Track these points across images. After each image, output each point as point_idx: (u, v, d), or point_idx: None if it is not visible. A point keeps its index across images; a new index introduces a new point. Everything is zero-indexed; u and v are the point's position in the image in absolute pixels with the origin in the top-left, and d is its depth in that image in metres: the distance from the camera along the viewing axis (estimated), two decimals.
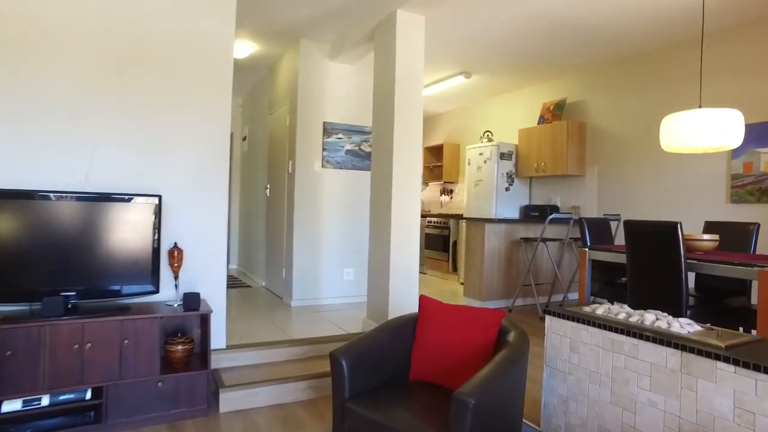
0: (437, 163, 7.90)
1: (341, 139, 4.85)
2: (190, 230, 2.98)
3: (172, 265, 2.74)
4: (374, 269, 3.67)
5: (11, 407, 2.21)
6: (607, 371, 1.84)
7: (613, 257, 3.23)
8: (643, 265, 2.91)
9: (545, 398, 2.13)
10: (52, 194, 2.41)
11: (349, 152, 4.90)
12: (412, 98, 3.52)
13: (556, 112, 5.68)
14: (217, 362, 3.04)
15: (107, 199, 2.52)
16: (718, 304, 3.02)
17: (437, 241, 6.90)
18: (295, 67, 4.78)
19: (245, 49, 4.96)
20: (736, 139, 2.91)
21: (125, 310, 2.49)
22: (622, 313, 1.94)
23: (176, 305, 2.71)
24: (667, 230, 2.75)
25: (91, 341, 2.32)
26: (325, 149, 4.77)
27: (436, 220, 7.03)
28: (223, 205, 3.11)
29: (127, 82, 2.80)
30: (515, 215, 6.13)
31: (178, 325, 2.82)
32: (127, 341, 2.39)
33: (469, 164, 6.37)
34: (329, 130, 4.79)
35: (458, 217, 6.72)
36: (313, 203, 4.73)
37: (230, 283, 5.86)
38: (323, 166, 4.77)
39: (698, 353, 1.53)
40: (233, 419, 2.58)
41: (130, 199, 2.58)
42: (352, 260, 4.93)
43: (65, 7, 2.63)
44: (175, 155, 2.94)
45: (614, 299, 3.56)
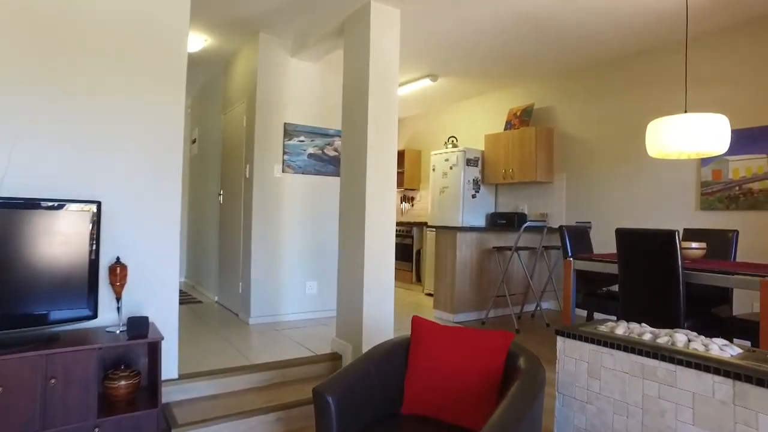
0: (398, 169, 7.66)
1: (303, 141, 4.51)
2: (136, 242, 2.54)
3: (113, 283, 2.30)
4: (345, 284, 3.34)
5: None
6: (636, 401, 1.62)
7: (601, 267, 3.07)
8: (636, 274, 2.76)
9: (558, 430, 1.88)
10: None
11: (311, 156, 4.55)
12: (387, 97, 3.24)
13: (523, 117, 5.58)
14: (168, 395, 2.61)
15: (31, 206, 2.07)
16: (706, 314, 2.92)
17: (400, 250, 6.65)
18: (253, 63, 4.40)
19: (197, 42, 4.52)
20: (723, 144, 2.82)
21: (53, 341, 2.04)
22: (646, 333, 1.72)
23: (119, 332, 2.28)
24: (663, 238, 2.61)
25: (2, 385, 1.86)
26: (286, 152, 4.41)
27: (398, 228, 6.78)
28: (175, 212, 2.69)
29: (60, 67, 2.35)
30: (481, 223, 5.97)
31: (121, 355, 2.38)
32: (54, 380, 1.94)
33: (433, 170, 6.16)
34: (291, 132, 4.43)
35: (422, 225, 6.49)
36: (272, 211, 4.34)
37: (180, 298, 5.31)
38: (284, 170, 4.40)
39: (757, 383, 1.32)
40: None
41: (61, 205, 2.14)
42: (315, 272, 4.57)
43: None
44: (119, 154, 2.51)
45: (598, 309, 3.41)
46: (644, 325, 1.84)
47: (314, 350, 3.42)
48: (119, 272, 2.30)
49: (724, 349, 1.53)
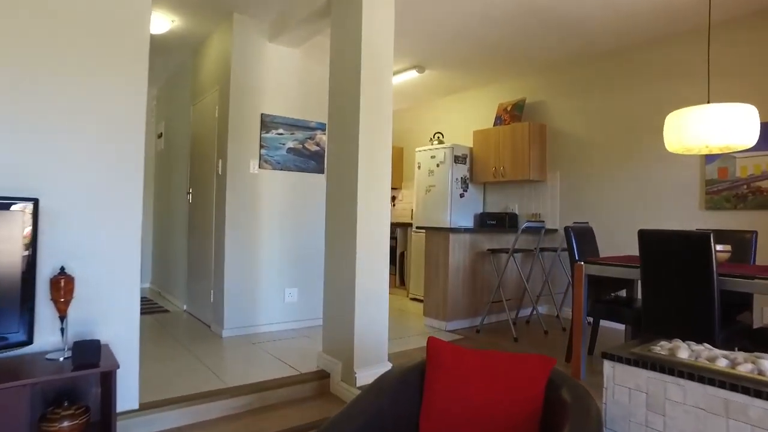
0: None
1: (282, 135, 4.10)
2: (86, 248, 2.11)
3: (56, 300, 1.88)
4: (333, 294, 2.96)
5: None
6: None
7: (620, 272, 2.78)
8: (662, 280, 2.48)
9: None
10: None
11: (291, 151, 4.15)
12: (381, 85, 2.89)
13: (514, 112, 5.30)
14: (126, 430, 2.19)
15: None
16: (734, 323, 2.67)
17: None
18: (226, 48, 3.97)
19: (163, 23, 4.06)
20: (752, 137, 2.57)
21: None
22: (718, 357, 1.41)
23: (63, 359, 1.85)
24: (695, 241, 2.33)
25: None
26: (263, 146, 4.00)
27: None
28: (136, 212, 2.27)
29: None
30: (470, 224, 5.67)
31: (65, 388, 1.95)
32: None
33: (419, 168, 5.83)
34: (268, 124, 4.02)
35: (406, 225, 6.16)
36: (248, 211, 3.92)
37: (144, 306, 4.84)
38: (261, 166, 3.99)
39: None
40: None
41: None
42: (295, 278, 4.17)
43: None
44: (65, 143, 2.08)
45: (607, 317, 3.14)
46: (707, 345, 1.53)
47: (298, 367, 3.03)
48: (64, 286, 1.88)
49: None
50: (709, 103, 2.72)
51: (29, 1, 2.00)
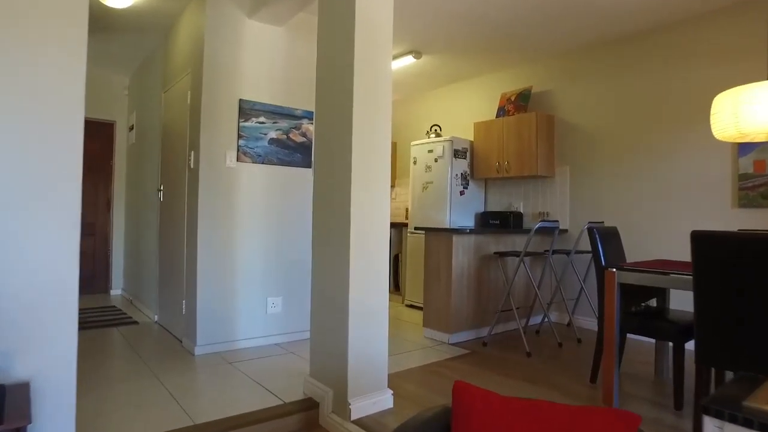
0: None
1: (264, 124, 3.62)
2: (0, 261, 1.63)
3: None
4: (321, 309, 2.50)
5: None
6: None
7: (666, 281, 2.35)
8: (717, 293, 2.05)
9: None
10: None
11: (274, 142, 3.67)
12: (379, 66, 2.43)
13: (519, 102, 4.87)
14: None
15: None
16: None
17: None
18: (199, 25, 3.48)
19: None
20: None
21: None
22: None
23: None
24: None
25: None
26: (241, 136, 3.51)
27: None
28: (72, 213, 1.78)
29: None
30: (470, 224, 5.23)
31: None
32: None
33: (414, 163, 5.38)
34: (247, 111, 3.54)
35: (401, 226, 5.70)
36: (224, 209, 3.44)
37: (111, 317, 4.32)
38: (239, 159, 3.50)
39: None
40: None
41: None
42: (279, 286, 3.69)
43: None
44: None
45: (636, 331, 2.71)
46: None
47: (281, 394, 2.56)
48: None
49: None
50: None
51: None
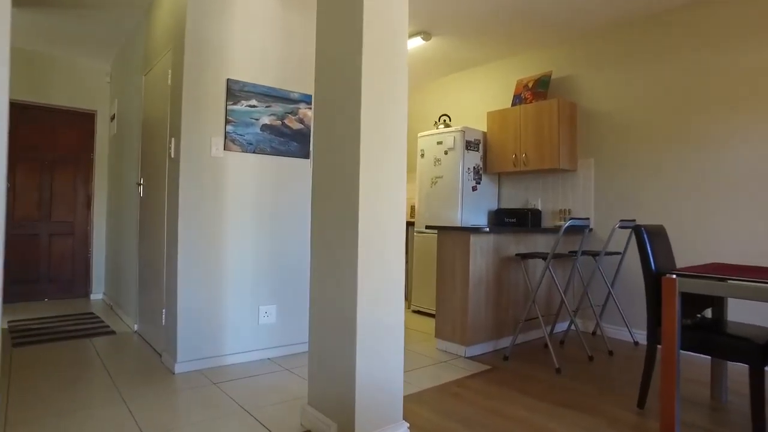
0: None
1: (255, 107, 3.18)
2: None
3: None
4: (322, 326, 2.06)
5: None
6: None
7: (733, 290, 1.92)
8: None
9: None
10: None
11: (267, 128, 3.23)
12: (393, 42, 1.99)
13: (538, 89, 4.43)
14: None
15: None
16: None
17: None
18: None
19: None
20: None
21: None
22: None
23: None
24: None
25: None
26: (230, 122, 3.07)
27: None
28: None
29: None
30: (483, 222, 4.80)
31: None
32: None
33: (422, 156, 4.94)
34: (236, 93, 3.10)
35: (407, 225, 5.26)
36: (209, 205, 2.99)
37: (86, 326, 3.87)
38: (227, 147, 3.06)
39: None
40: None
41: None
42: (273, 293, 3.25)
43: None
44: None
45: (692, 348, 2.27)
46: None
47: (274, 427, 2.12)
48: None
49: None
50: None
51: None
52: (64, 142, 5.15)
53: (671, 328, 2.12)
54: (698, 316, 2.61)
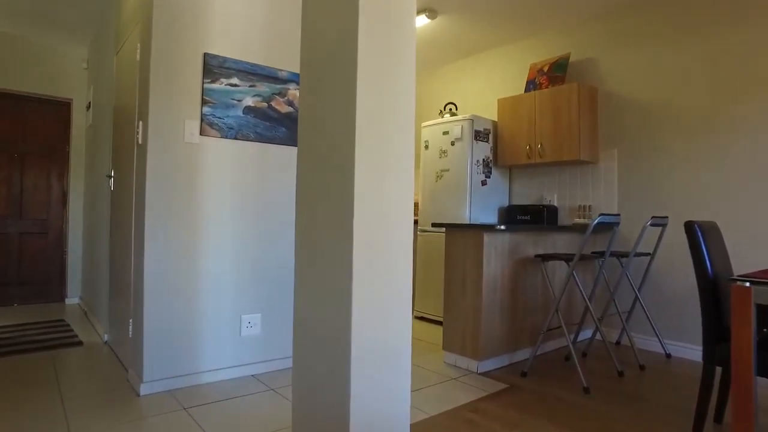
0: None
1: (237, 87, 2.76)
2: None
3: None
4: (308, 345, 1.65)
5: None
6: None
7: None
8: None
9: None
10: None
11: (251, 111, 2.82)
12: (399, 6, 1.59)
13: (554, 73, 4.02)
14: None
15: None
16: None
17: None
18: None
19: None
20: None
21: None
22: None
23: None
24: None
25: None
26: (207, 102, 2.65)
27: None
28: None
29: None
30: (493, 220, 4.38)
31: None
32: None
33: (426, 148, 4.52)
34: (215, 69, 2.68)
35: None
36: (183, 200, 2.58)
37: (53, 336, 3.45)
38: (204, 132, 2.64)
39: None
40: None
41: None
42: (257, 300, 2.84)
43: None
44: None
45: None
46: None
47: None
48: None
49: None
50: None
51: None
52: (36, 132, 4.74)
53: (746, 347, 1.70)
54: (765, 330, 2.19)
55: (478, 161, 4.20)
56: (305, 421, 1.66)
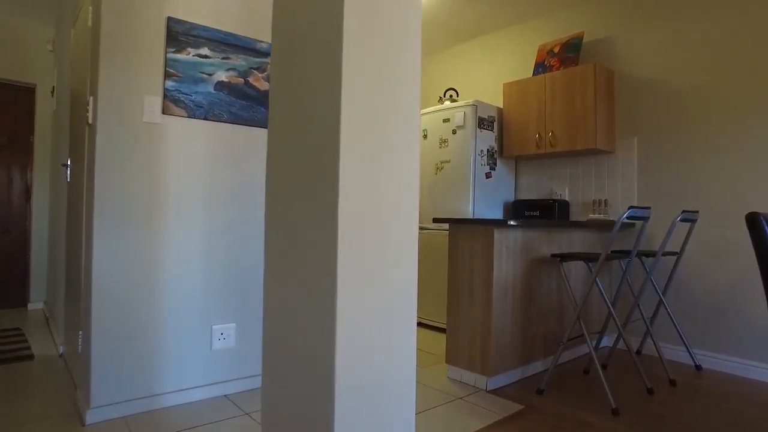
0: None
1: (208, 59, 2.37)
2: None
3: None
4: (279, 373, 1.25)
5: None
6: None
7: None
8: None
9: None
10: None
11: (224, 87, 2.42)
12: None
13: (566, 54, 3.65)
14: None
15: None
16: None
17: None
18: None
19: None
20: None
21: None
22: None
23: None
24: None
25: None
26: (171, 75, 2.25)
27: None
28: None
29: None
30: (498, 216, 4.01)
31: None
32: None
33: (425, 137, 4.14)
34: (181, 37, 2.28)
35: None
36: (141, 190, 2.18)
37: (2, 348, 3.04)
38: (166, 110, 2.24)
39: None
40: None
41: None
42: (230, 308, 2.44)
43: None
44: None
45: None
46: None
47: None
48: None
49: None
50: None
51: None
52: None
53: None
54: None
55: (482, 151, 3.83)
56: None
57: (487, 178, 3.87)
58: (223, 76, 2.41)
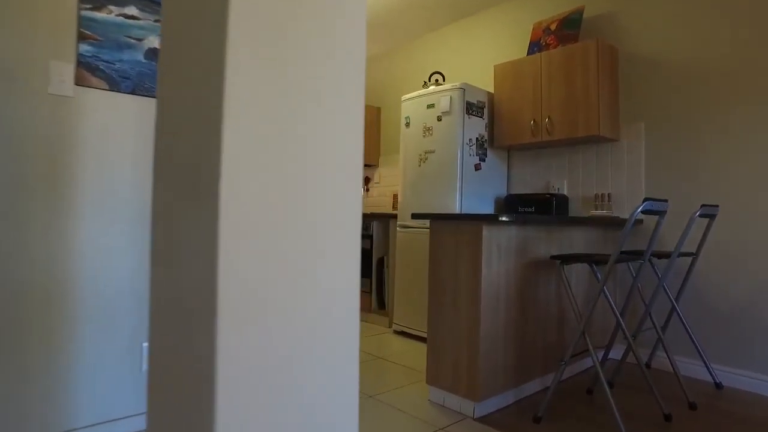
0: None
1: (137, 20, 1.95)
2: None
3: None
4: (163, 402, 0.85)
5: None
6: None
7: None
8: None
9: None
10: None
11: (156, 56, 2.00)
12: None
13: (565, 30, 3.27)
14: None
15: None
16: None
17: None
18: None
19: None
20: None
21: None
22: None
23: None
24: None
25: None
26: (86, 38, 1.83)
27: None
28: None
29: None
30: (489, 211, 3.62)
31: None
32: None
33: (407, 126, 3.74)
34: None
35: (386, 218, 4.05)
36: (45, 180, 1.76)
37: None
38: (81, 80, 1.82)
39: None
40: None
41: None
42: None
43: None
44: None
45: None
46: None
47: None
48: None
49: None
50: None
51: None
52: None
53: None
54: None
55: (470, 140, 3.43)
56: None
57: (476, 170, 3.48)
58: (156, 42, 2.00)
